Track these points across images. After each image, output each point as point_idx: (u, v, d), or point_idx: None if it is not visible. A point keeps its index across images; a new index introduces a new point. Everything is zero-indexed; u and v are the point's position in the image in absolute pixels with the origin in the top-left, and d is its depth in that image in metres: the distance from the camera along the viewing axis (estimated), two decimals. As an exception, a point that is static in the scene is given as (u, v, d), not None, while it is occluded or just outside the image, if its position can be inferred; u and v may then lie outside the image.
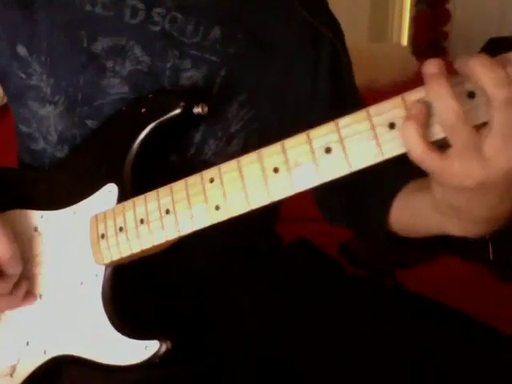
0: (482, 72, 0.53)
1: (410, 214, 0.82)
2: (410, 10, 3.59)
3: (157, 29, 0.89)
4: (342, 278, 1.00)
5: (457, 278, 1.67)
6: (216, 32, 0.90)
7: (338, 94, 0.97)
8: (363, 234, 1.00)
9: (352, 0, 3.34)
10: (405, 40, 3.62)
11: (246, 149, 0.68)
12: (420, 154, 0.57)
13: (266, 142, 0.67)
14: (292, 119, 0.95)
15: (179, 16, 0.89)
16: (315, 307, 0.90)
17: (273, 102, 0.95)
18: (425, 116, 0.57)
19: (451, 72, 0.57)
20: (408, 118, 0.57)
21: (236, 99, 0.91)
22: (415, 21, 3.55)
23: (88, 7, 0.89)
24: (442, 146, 0.58)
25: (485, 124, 0.57)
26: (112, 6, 0.89)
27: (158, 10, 0.89)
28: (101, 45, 0.88)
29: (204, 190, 0.70)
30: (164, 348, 0.75)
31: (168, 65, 0.89)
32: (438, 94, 0.55)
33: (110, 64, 0.89)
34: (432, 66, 0.56)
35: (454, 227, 0.70)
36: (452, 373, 0.75)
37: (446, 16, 3.48)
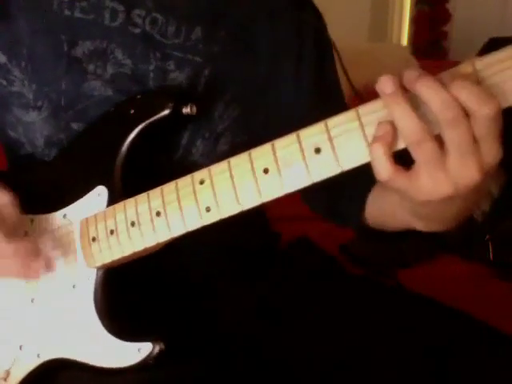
0: (427, 95, 0.54)
1: (380, 210, 0.86)
2: (410, 9, 3.59)
3: (137, 31, 0.88)
4: (341, 277, 1.00)
5: (457, 277, 1.67)
6: (198, 32, 0.89)
7: (321, 84, 0.98)
8: (341, 225, 1.01)
9: (352, 0, 3.35)
10: (405, 40, 3.62)
11: (233, 147, 0.68)
12: (388, 175, 0.58)
13: (253, 140, 0.67)
14: (278, 116, 0.96)
15: (160, 17, 0.88)
16: (315, 307, 0.90)
17: (258, 99, 0.95)
18: (392, 135, 0.57)
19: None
20: (376, 139, 0.57)
21: (221, 98, 0.91)
22: (415, 21, 3.55)
23: (67, 12, 0.88)
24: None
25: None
26: (91, 10, 0.88)
27: (137, 11, 0.88)
28: (81, 49, 0.88)
29: (194, 192, 0.69)
30: (157, 350, 0.75)
31: (151, 67, 0.88)
32: (398, 113, 0.55)
33: (91, 68, 0.88)
34: (387, 86, 0.56)
35: (421, 226, 0.72)
36: (452, 372, 0.75)
37: (446, 16, 3.49)
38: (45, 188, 0.89)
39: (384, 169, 0.57)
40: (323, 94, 0.97)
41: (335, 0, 2.94)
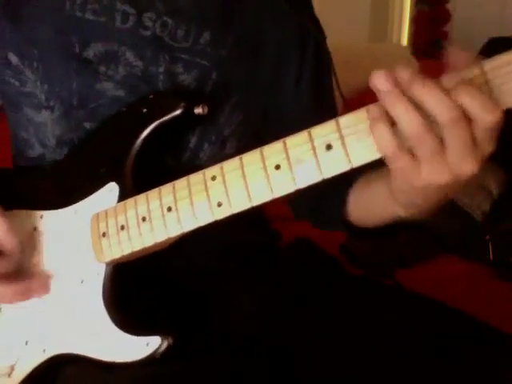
0: (428, 98, 0.56)
1: (366, 204, 0.87)
2: (410, 9, 3.58)
3: (148, 33, 0.89)
4: (341, 277, 1.00)
5: (456, 277, 1.67)
6: (206, 36, 0.90)
7: (318, 90, 0.99)
8: (325, 228, 1.03)
9: (352, 0, 3.34)
10: (405, 40, 3.61)
11: (239, 152, 0.69)
12: (393, 150, 0.59)
13: (257, 144, 0.68)
14: (278, 119, 0.97)
15: (170, 21, 0.89)
16: (315, 307, 0.90)
17: (262, 104, 0.96)
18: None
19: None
20: (376, 117, 0.59)
21: (228, 102, 0.92)
22: (415, 21, 3.54)
23: (78, 13, 0.88)
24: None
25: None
26: (103, 12, 0.88)
27: (148, 14, 0.89)
28: (93, 50, 0.88)
29: (206, 188, 0.70)
30: (165, 344, 0.75)
31: (161, 69, 0.89)
32: (399, 109, 0.57)
33: (102, 69, 0.89)
34: (384, 83, 0.57)
35: (406, 214, 0.76)
36: (452, 373, 0.76)
37: (446, 16, 3.48)
38: (55, 184, 0.89)
39: (390, 142, 0.58)
40: (318, 100, 0.99)
41: (335, 0, 2.94)
